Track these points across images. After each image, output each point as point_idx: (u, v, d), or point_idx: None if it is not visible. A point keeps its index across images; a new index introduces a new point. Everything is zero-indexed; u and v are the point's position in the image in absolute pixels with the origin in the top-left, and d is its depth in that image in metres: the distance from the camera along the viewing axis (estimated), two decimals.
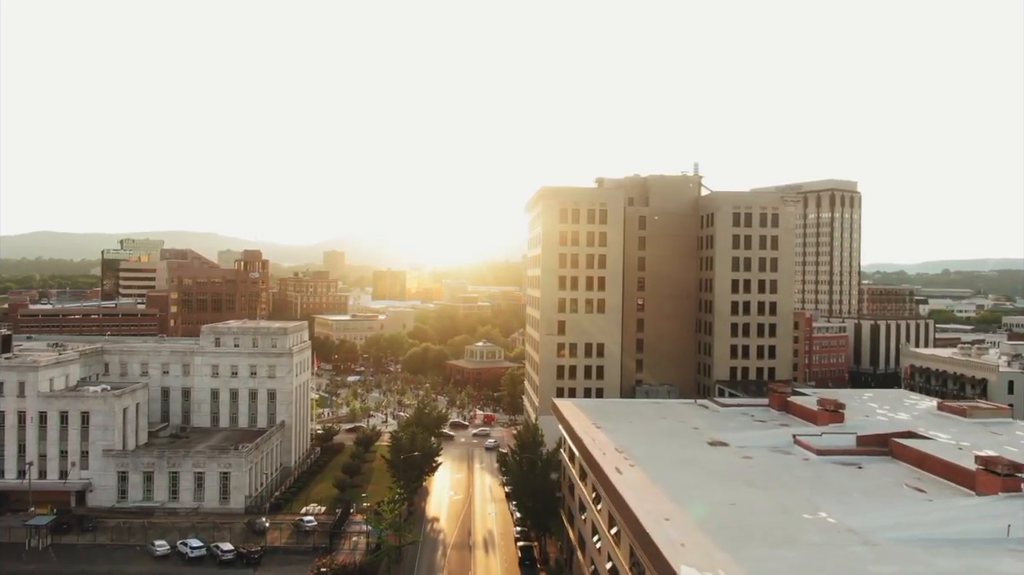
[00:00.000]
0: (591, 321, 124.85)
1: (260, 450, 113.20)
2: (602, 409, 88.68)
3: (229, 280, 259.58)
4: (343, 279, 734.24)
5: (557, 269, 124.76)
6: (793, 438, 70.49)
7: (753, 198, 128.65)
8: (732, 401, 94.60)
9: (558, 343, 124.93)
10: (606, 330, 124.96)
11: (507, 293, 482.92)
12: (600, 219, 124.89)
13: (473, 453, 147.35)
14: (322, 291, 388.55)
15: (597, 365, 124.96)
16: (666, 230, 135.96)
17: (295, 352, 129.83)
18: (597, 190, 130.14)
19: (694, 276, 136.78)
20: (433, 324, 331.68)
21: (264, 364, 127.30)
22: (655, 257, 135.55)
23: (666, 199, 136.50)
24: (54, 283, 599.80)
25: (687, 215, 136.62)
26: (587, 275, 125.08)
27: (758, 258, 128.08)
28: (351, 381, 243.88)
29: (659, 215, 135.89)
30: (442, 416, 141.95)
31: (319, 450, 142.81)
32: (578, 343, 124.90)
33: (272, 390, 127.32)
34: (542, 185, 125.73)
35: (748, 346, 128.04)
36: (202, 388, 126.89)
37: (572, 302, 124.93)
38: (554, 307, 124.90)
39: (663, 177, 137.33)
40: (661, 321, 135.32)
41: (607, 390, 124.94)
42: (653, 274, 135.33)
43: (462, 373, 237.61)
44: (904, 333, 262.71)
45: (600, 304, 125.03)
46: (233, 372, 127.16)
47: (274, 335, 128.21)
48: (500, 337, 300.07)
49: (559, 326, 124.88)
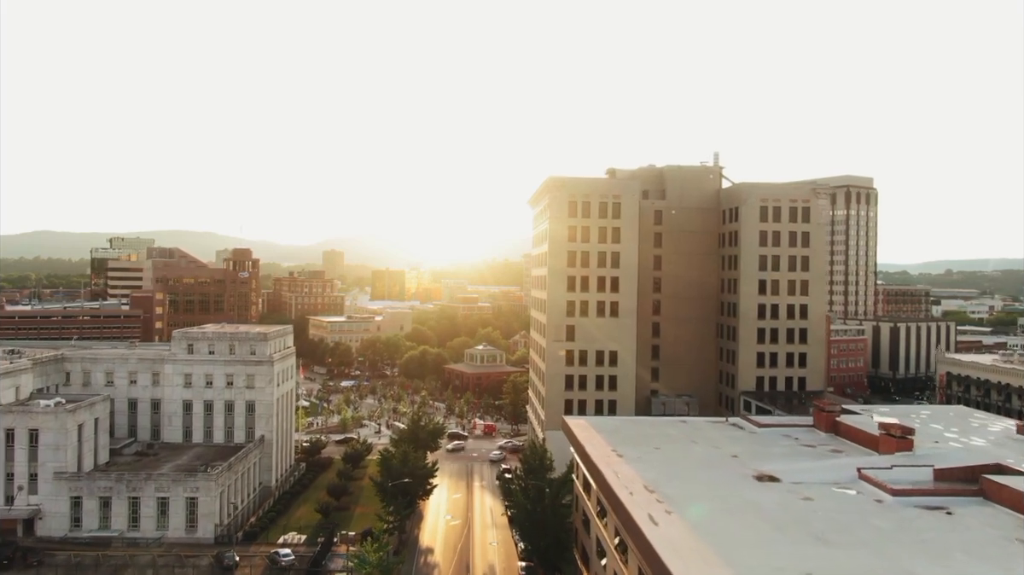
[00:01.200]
0: (603, 326, 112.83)
1: (234, 470, 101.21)
2: (621, 431, 76.59)
3: (217, 280, 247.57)
4: (342, 279, 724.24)
5: (565, 268, 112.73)
6: (858, 472, 58.40)
7: (782, 190, 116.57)
8: (769, 420, 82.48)
9: (566, 350, 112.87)
10: (619, 336, 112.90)
11: (507, 293, 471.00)
12: (613, 213, 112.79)
13: (473, 469, 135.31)
14: (317, 291, 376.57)
15: (610, 375, 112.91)
16: (684, 225, 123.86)
17: (276, 359, 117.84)
18: (610, 181, 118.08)
19: (715, 276, 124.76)
20: (432, 326, 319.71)
21: (242, 373, 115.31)
22: (672, 255, 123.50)
23: (684, 192, 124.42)
24: (50, 283, 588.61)
25: (707, 209, 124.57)
26: (598, 275, 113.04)
27: (787, 256, 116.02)
28: (345, 386, 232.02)
29: (676, 209, 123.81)
30: (439, 429, 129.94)
31: (304, 466, 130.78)
32: (588, 350, 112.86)
33: (251, 402, 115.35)
34: (549, 176, 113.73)
35: (776, 354, 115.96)
36: (173, 400, 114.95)
37: (582, 305, 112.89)
38: (562, 310, 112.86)
39: (681, 168, 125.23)
40: (679, 326, 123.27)
41: (621, 403, 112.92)
42: (670, 274, 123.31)
43: (461, 378, 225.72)
44: (924, 336, 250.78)
45: (613, 307, 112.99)
46: (208, 382, 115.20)
47: (253, 341, 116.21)
48: (501, 339, 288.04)
49: (567, 331, 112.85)
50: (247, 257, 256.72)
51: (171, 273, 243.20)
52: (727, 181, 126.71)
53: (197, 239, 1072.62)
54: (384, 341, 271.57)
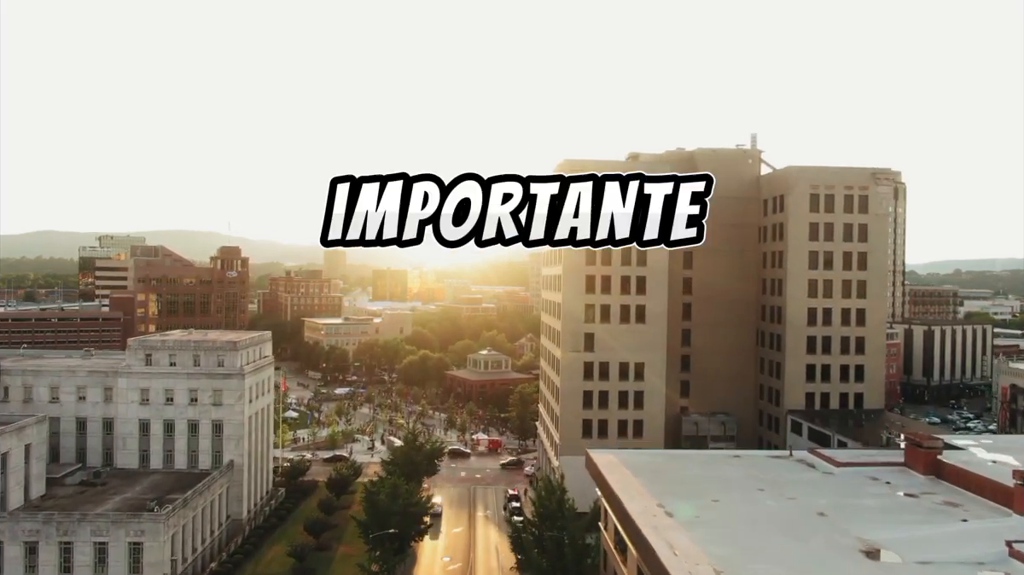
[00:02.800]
0: (628, 334, 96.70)
1: (192, 505, 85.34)
2: (663, 472, 60.39)
3: (204, 280, 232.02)
4: (344, 279, 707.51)
5: (583, 266, 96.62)
6: (1008, 548, 42.22)
7: (837, 175, 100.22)
8: (846, 456, 66.12)
9: (585, 362, 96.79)
10: (647, 345, 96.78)
11: (512, 293, 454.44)
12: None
13: (476, 494, 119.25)
14: (314, 292, 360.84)
15: (635, 391, 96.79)
16: (719, 217, 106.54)
17: (249, 372, 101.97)
18: (639, 163, 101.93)
19: (755, 276, 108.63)
20: (434, 328, 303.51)
21: (208, 388, 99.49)
22: (705, 252, 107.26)
23: (718, 178, 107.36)
24: (47, 283, 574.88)
25: (745, 199, 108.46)
26: (622, 274, 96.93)
27: (842, 253, 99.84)
28: (340, 394, 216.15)
29: (711, 199, 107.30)
30: (437, 449, 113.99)
31: (283, 492, 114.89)
32: (611, 362, 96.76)
33: (218, 421, 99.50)
34: (564, 158, 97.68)
35: (829, 366, 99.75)
36: (128, 419, 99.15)
37: (603, 310, 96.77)
38: (579, 316, 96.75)
39: (715, 151, 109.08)
40: (712, 333, 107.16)
41: (648, 423, 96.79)
42: (703, 273, 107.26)
43: (464, 385, 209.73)
44: (959, 340, 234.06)
45: (639, 312, 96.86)
46: (168, 398, 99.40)
47: (221, 351, 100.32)
48: (506, 343, 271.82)
49: (585, 340, 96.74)
50: (236, 255, 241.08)
51: (154, 273, 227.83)
52: (767, 167, 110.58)
53: (200, 238, 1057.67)
54: (382, 345, 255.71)
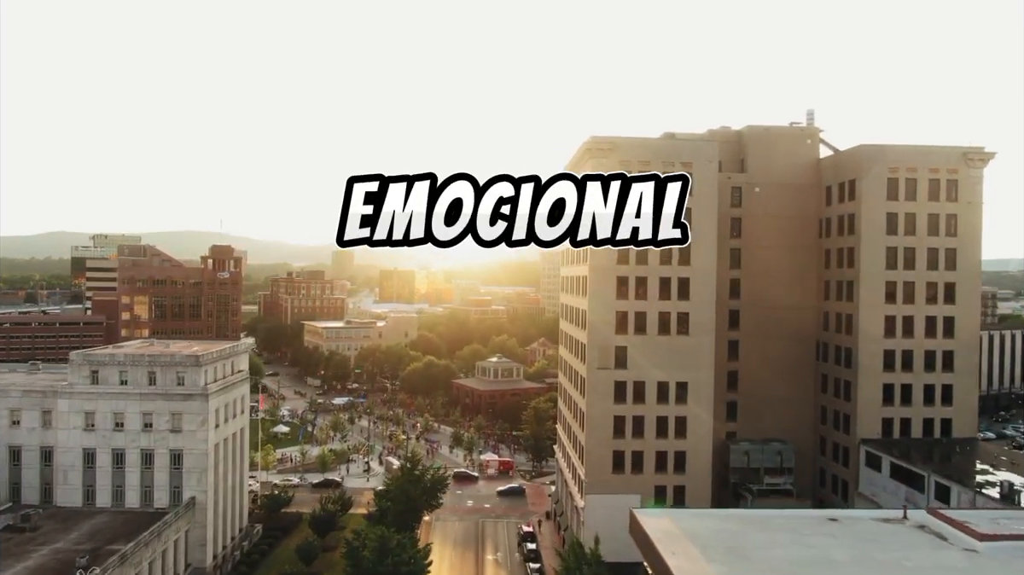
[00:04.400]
0: (668, 348, 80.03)
1: (134, 561, 69.18)
2: (741, 548, 43.73)
3: (193, 282, 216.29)
4: (351, 280, 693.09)
5: (614, 267, 79.98)
6: None
7: (920, 156, 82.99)
8: (986, 522, 49.19)
9: (616, 382, 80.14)
10: (691, 361, 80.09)
11: (522, 294, 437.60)
12: None
13: (484, 530, 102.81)
14: (316, 293, 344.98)
15: (677, 416, 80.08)
16: (772, 208, 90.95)
17: (215, 391, 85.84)
18: (677, 142, 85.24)
19: (815, 277, 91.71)
20: (440, 332, 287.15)
21: (164, 411, 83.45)
22: (756, 249, 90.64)
23: (771, 162, 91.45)
24: (50, 284, 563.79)
25: (804, 186, 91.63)
26: (661, 275, 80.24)
27: (926, 249, 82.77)
28: (338, 404, 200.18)
29: (761, 185, 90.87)
30: (440, 479, 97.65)
31: (260, 530, 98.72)
32: (647, 382, 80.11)
33: (176, 450, 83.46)
34: (590, 136, 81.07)
35: (910, 386, 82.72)
36: (70, 448, 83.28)
37: (638, 318, 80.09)
38: (609, 325, 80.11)
39: (767, 130, 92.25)
40: (764, 345, 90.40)
41: (692, 456, 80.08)
42: (753, 275, 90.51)
43: (472, 395, 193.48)
44: (1008, 345, 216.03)
45: (681, 321, 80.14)
46: (117, 423, 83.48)
47: (181, 366, 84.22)
48: (517, 348, 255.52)
49: (617, 355, 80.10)
50: (228, 255, 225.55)
51: (140, 273, 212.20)
52: (827, 149, 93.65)
53: (208, 238, 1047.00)
54: (385, 350, 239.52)
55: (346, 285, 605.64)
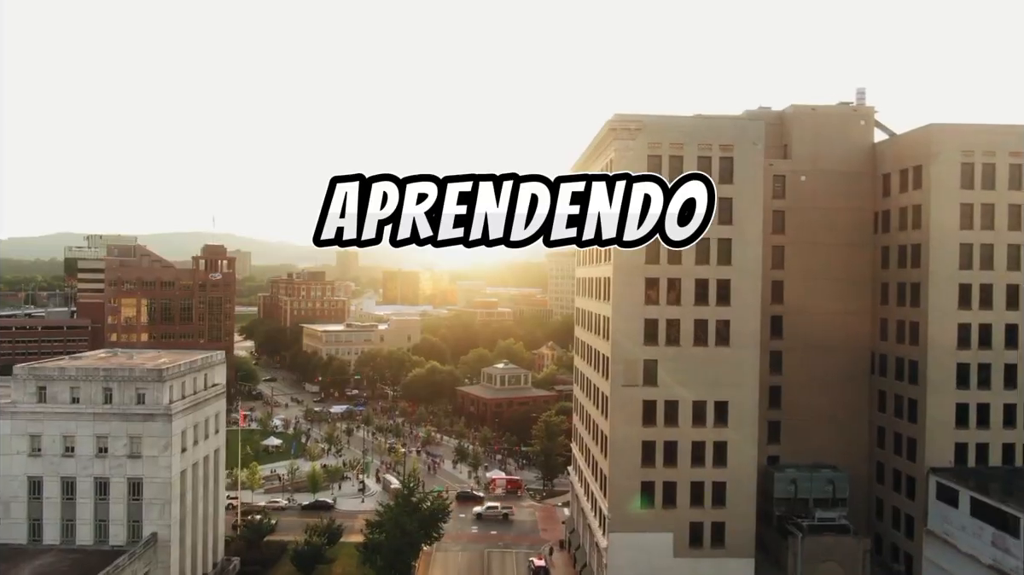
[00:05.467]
0: (706, 361, 68.55)
1: None
2: None
3: (184, 284, 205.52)
4: (356, 281, 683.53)
5: (642, 267, 68.49)
6: None
7: (996, 137, 71.12)
8: None
9: (644, 401, 68.66)
10: (733, 377, 68.58)
11: (528, 296, 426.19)
12: (721, 173, 68.40)
13: (491, 562, 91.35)
14: (316, 295, 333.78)
15: (716, 441, 68.60)
16: (820, 199, 79.39)
17: (183, 409, 74.67)
18: (717, 120, 73.53)
19: (870, 279, 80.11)
20: (444, 335, 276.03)
21: (121, 433, 72.33)
22: (802, 246, 79.12)
23: (819, 146, 79.87)
24: (51, 285, 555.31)
25: (857, 174, 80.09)
26: (697, 276, 68.75)
27: (1006, 246, 71.13)
28: (336, 412, 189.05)
29: (807, 174, 79.29)
30: (440, 507, 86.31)
31: (238, 564, 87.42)
32: (681, 401, 68.61)
33: (135, 479, 72.33)
34: (614, 114, 69.55)
35: (988, 405, 71.06)
36: (12, 476, 72.23)
37: (670, 327, 68.56)
38: (636, 336, 68.61)
39: (814, 110, 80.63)
40: (811, 357, 78.89)
41: (734, 486, 68.58)
42: (798, 275, 78.98)
43: (477, 404, 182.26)
44: None
45: (722, 330, 68.62)
46: (67, 447, 72.44)
47: (141, 382, 73.02)
48: (524, 352, 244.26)
49: (646, 370, 68.62)
50: (221, 255, 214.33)
51: (127, 274, 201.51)
52: (882, 132, 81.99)
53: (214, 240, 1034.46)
54: (386, 355, 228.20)
55: (350, 286, 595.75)
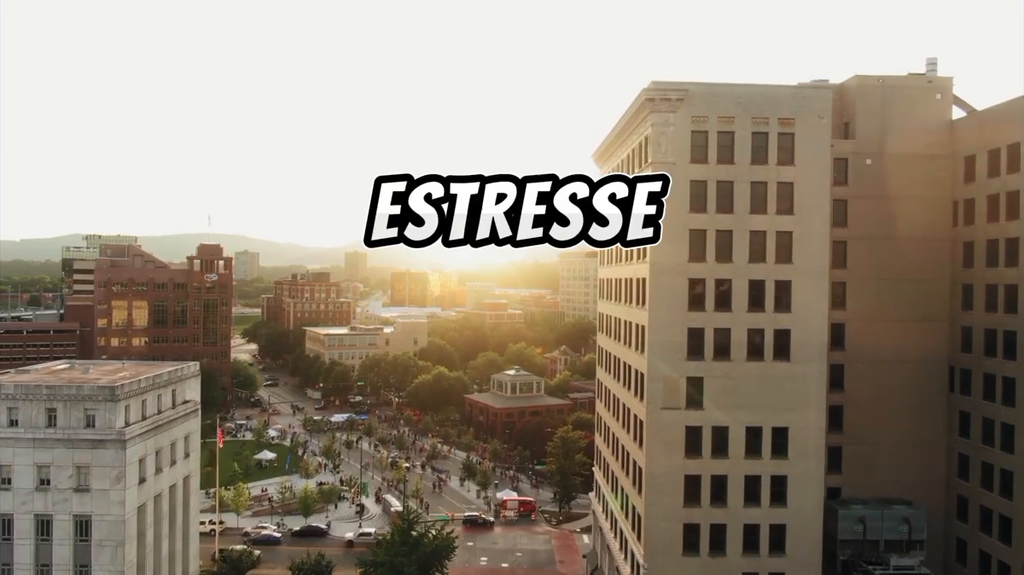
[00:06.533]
0: (761, 379, 56.94)
1: None
2: None
3: (178, 285, 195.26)
4: (365, 282, 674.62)
5: (685, 267, 56.93)
6: None
7: None
8: None
9: (687, 427, 57.11)
10: (794, 397, 56.96)
11: (539, 297, 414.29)
12: (780, 152, 56.84)
13: None
14: (320, 297, 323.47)
15: (774, 474, 57.00)
16: (889, 186, 67.60)
17: (140, 433, 63.63)
18: (775, 89, 61.60)
19: (947, 279, 68.17)
20: (453, 338, 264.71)
21: (67, 462, 61.35)
22: (868, 240, 67.31)
23: (887, 125, 68.06)
24: (58, 287, 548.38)
25: (933, 156, 68.11)
26: (752, 277, 57.17)
27: None
28: (337, 422, 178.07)
29: (874, 157, 67.50)
30: (445, 543, 75.04)
31: None
32: (732, 427, 57.06)
33: (83, 516, 61.33)
34: (651, 81, 58.01)
35: None
36: None
37: (719, 337, 57.02)
38: (677, 348, 57.04)
39: (882, 82, 68.80)
40: (878, 370, 67.06)
41: (795, 529, 56.91)
42: (863, 275, 67.24)
43: (487, 413, 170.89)
44: None
45: (781, 340, 57.04)
46: (3, 479, 61.47)
47: (91, 401, 62.00)
48: (536, 357, 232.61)
49: (690, 390, 57.04)
50: (218, 255, 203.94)
51: (118, 275, 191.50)
52: (959, 110, 70.07)
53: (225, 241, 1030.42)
54: (391, 360, 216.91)
55: (358, 287, 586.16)
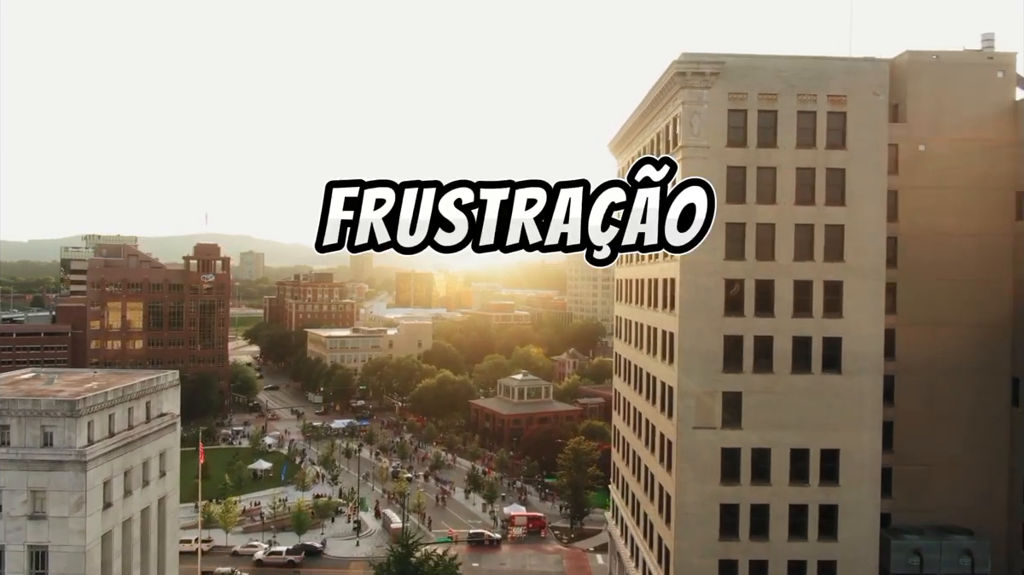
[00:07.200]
0: (808, 393, 49.70)
1: None
2: None
3: (174, 285, 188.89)
4: (370, 283, 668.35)
5: (720, 264, 49.69)
6: None
7: None
8: None
9: (723, 449, 49.83)
10: (847, 414, 49.77)
11: (546, 299, 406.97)
12: (830, 134, 49.64)
13: None
14: (323, 298, 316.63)
15: (823, 504, 49.76)
16: (945, 175, 60.19)
17: (106, 452, 56.73)
18: (824, 61, 54.21)
19: (1011, 280, 60.62)
20: (459, 340, 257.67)
21: (20, 487, 54.44)
22: (921, 236, 59.85)
23: (943, 106, 60.66)
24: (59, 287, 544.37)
25: (993, 142, 60.53)
26: (797, 277, 49.97)
27: None
28: (337, 428, 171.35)
29: (927, 142, 60.06)
30: (447, 570, 67.99)
31: None
32: (774, 449, 49.78)
33: (39, 547, 54.44)
34: (681, 53, 50.78)
35: None
36: None
37: (760, 346, 49.76)
38: (712, 359, 49.81)
39: (938, 58, 61.35)
40: (933, 383, 59.53)
41: (848, 567, 49.84)
42: (916, 275, 59.76)
43: (493, 419, 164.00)
44: None
45: (831, 350, 49.79)
46: None
47: (48, 417, 55.10)
48: (544, 360, 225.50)
49: (725, 406, 49.78)
50: (215, 255, 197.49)
51: (112, 276, 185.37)
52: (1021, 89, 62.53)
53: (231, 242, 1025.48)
54: (394, 363, 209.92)
55: (364, 288, 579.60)
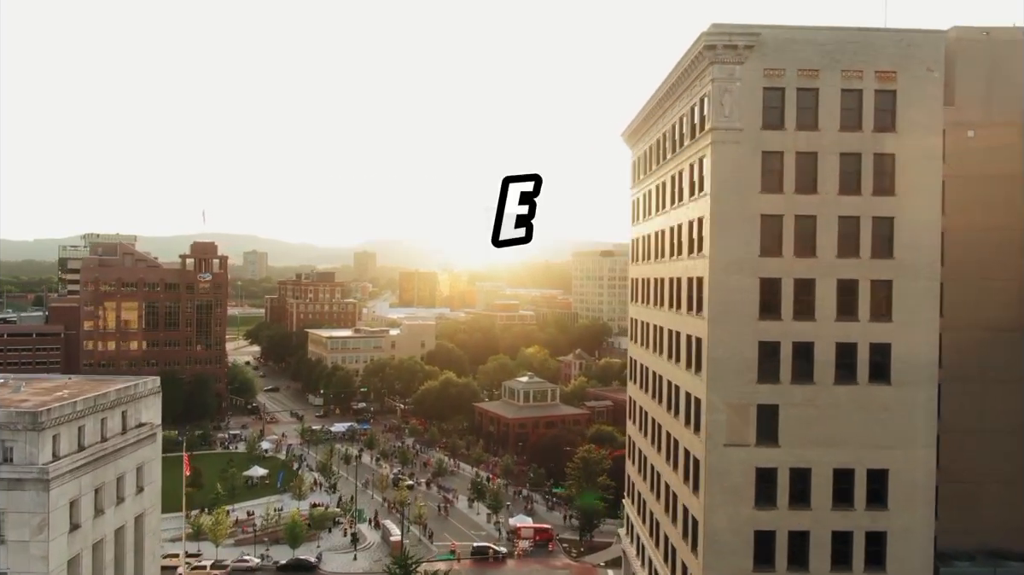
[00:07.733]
0: (854, 405, 44.25)
1: None
2: None
3: (170, 285, 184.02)
4: (374, 282, 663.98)
5: (755, 262, 44.13)
6: None
7: None
8: None
9: (758, 469, 44.29)
10: (897, 430, 44.29)
11: (550, 298, 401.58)
12: (878, 115, 44.16)
13: None
14: (324, 297, 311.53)
15: (869, 530, 44.23)
16: (995, 163, 54.75)
17: (73, 469, 51.49)
18: (871, 34, 48.64)
19: None
20: (462, 340, 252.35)
21: None
22: (970, 231, 54.34)
23: (994, 87, 55.18)
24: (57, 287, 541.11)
25: None
26: (841, 275, 44.54)
27: None
28: (336, 432, 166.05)
29: (977, 127, 54.52)
30: None
31: None
32: (815, 467, 44.31)
33: None
34: (711, 24, 45.29)
35: None
36: None
37: (799, 353, 44.26)
38: (746, 368, 44.34)
39: (988, 35, 55.74)
40: (981, 391, 53.96)
41: None
42: (964, 274, 54.23)
43: (498, 423, 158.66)
44: None
45: (879, 357, 44.33)
46: None
47: (7, 430, 49.86)
48: (549, 361, 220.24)
49: (760, 420, 44.24)
50: (212, 253, 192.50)
51: (106, 275, 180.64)
52: None
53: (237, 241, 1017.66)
54: (396, 365, 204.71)
55: (367, 287, 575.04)
